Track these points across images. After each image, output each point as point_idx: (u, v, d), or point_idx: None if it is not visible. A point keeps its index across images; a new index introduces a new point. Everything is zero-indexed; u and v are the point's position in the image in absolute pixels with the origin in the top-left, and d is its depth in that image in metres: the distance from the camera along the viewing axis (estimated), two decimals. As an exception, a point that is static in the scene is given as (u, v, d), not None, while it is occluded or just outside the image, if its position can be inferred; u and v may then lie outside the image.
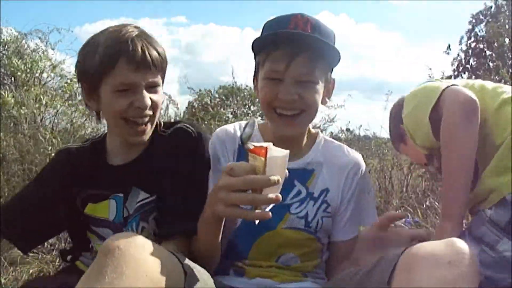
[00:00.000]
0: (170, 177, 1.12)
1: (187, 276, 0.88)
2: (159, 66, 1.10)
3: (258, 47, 1.13)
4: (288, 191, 1.15)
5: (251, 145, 0.83)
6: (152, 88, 1.10)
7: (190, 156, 1.15)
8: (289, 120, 1.11)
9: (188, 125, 1.19)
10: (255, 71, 1.18)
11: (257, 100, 4.56)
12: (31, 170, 3.34)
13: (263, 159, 0.80)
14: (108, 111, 1.10)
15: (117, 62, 1.04)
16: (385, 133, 4.64)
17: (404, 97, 1.55)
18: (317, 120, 4.38)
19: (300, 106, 1.09)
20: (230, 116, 4.73)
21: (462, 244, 0.84)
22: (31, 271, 2.25)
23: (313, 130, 1.26)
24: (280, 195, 0.81)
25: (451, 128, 1.29)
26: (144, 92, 1.07)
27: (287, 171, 0.84)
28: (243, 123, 1.27)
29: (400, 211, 3.61)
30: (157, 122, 1.18)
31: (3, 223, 1.18)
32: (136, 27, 1.12)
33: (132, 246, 0.78)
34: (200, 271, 0.96)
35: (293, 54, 1.05)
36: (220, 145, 1.19)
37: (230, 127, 1.25)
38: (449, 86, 1.34)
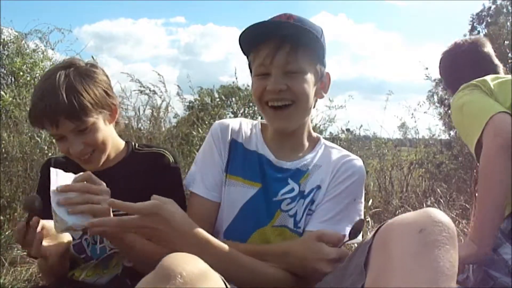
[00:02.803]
0: (147, 195, 1.15)
1: None
2: (80, 111, 1.12)
3: (247, 47, 1.15)
4: (281, 188, 1.17)
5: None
6: (83, 130, 1.15)
7: (167, 180, 1.22)
8: (281, 112, 1.12)
9: (166, 152, 1.27)
10: (250, 73, 1.20)
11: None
12: (32, 170, 3.35)
13: None
14: None
15: (42, 121, 1.13)
16: (385, 133, 4.65)
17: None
18: (317, 120, 4.37)
19: (289, 97, 1.10)
20: (232, 116, 4.72)
21: (436, 213, 0.81)
22: (31, 271, 2.25)
23: (314, 135, 1.27)
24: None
25: (489, 166, 1.31)
26: (72, 139, 1.14)
27: None
28: (246, 120, 1.30)
29: (400, 211, 3.61)
30: (129, 142, 1.30)
31: None
32: (64, 73, 1.14)
33: (195, 275, 0.72)
34: None
35: (276, 45, 1.07)
36: (216, 136, 1.23)
37: (229, 121, 1.28)
38: (495, 115, 1.34)
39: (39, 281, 2.17)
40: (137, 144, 1.31)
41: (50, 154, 3.24)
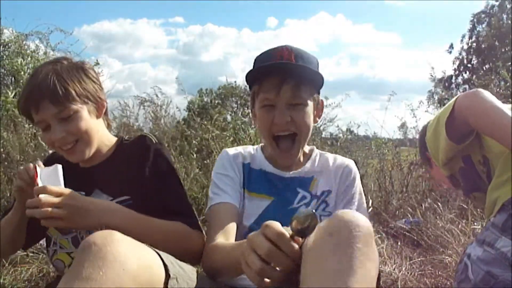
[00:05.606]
0: (139, 179, 1.21)
1: (168, 270, 0.90)
2: (63, 96, 1.13)
3: (251, 80, 1.26)
4: (294, 197, 1.28)
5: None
6: (66, 118, 1.16)
7: (154, 159, 1.24)
8: (285, 152, 1.25)
9: (148, 134, 1.30)
10: (251, 104, 1.31)
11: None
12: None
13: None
14: None
15: (27, 106, 1.15)
16: (385, 133, 4.64)
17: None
18: (317, 120, 4.34)
19: (293, 128, 1.22)
20: (229, 117, 4.73)
21: (345, 215, 0.80)
22: (31, 271, 2.26)
23: (306, 149, 1.38)
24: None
25: (477, 106, 1.30)
26: (55, 126, 1.15)
27: None
28: (246, 146, 1.41)
29: (400, 211, 3.62)
30: (120, 137, 1.31)
31: None
32: (54, 63, 1.19)
33: (108, 241, 0.80)
34: (182, 266, 0.99)
35: (281, 81, 1.18)
36: (228, 159, 1.33)
37: (233, 149, 1.39)
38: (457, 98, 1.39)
39: (39, 281, 2.18)
40: (126, 137, 1.34)
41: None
